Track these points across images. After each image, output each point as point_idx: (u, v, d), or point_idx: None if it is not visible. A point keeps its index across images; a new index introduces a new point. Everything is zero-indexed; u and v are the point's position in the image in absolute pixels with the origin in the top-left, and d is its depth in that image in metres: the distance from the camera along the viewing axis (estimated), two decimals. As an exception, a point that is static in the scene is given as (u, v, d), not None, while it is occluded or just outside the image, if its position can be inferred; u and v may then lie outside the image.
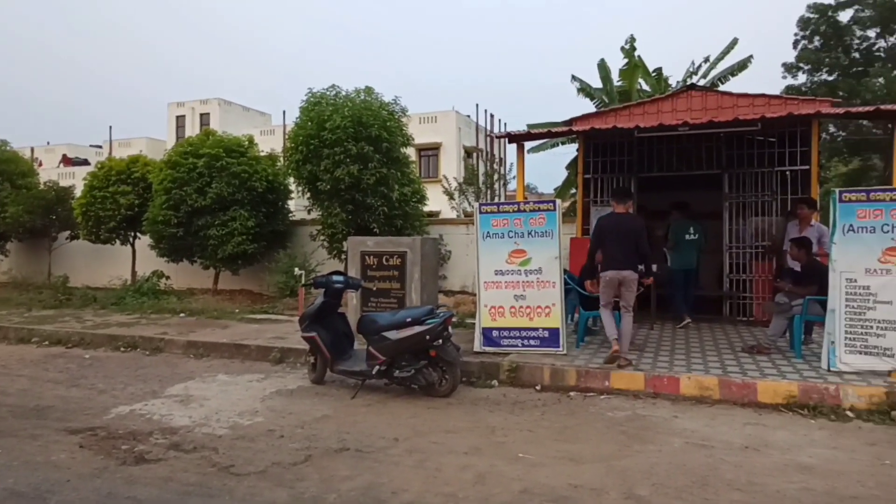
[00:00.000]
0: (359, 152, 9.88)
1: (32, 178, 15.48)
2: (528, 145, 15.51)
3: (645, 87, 16.15)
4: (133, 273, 13.35)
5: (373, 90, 10.75)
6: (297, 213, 13.99)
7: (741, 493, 3.42)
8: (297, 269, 9.89)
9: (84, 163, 33.39)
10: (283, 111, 33.37)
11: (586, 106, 16.21)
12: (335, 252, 10.94)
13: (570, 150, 15.59)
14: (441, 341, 5.40)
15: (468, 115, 30.28)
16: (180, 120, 35.76)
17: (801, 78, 22.44)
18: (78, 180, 16.33)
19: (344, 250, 9.75)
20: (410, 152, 12.53)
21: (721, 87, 13.91)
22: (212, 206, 11.00)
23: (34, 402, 5.43)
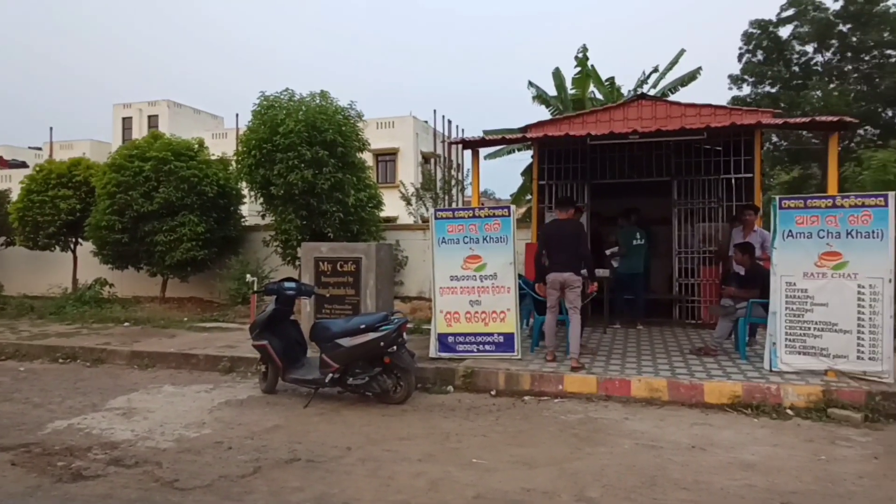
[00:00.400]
0: (313, 157, 9.76)
1: (-37, 181, 14.73)
2: (485, 151, 15.75)
3: (598, 95, 16.56)
4: (74, 281, 12.80)
5: (328, 94, 10.67)
6: (251, 218, 13.70)
7: (687, 491, 3.50)
8: (250, 275, 9.64)
9: (22, 165, 31.99)
10: (237, 114, 32.83)
11: (542, 113, 16.56)
12: (289, 258, 10.76)
13: (526, 157, 15.83)
14: (395, 348, 5.36)
15: (426, 121, 30.36)
16: (127, 122, 34.48)
17: (746, 89, 23.52)
18: (15, 183, 15.57)
19: (298, 256, 9.59)
20: (367, 157, 12.46)
21: (672, 97, 14.36)
22: (159, 211, 10.67)
23: (-39, 418, 5.12)
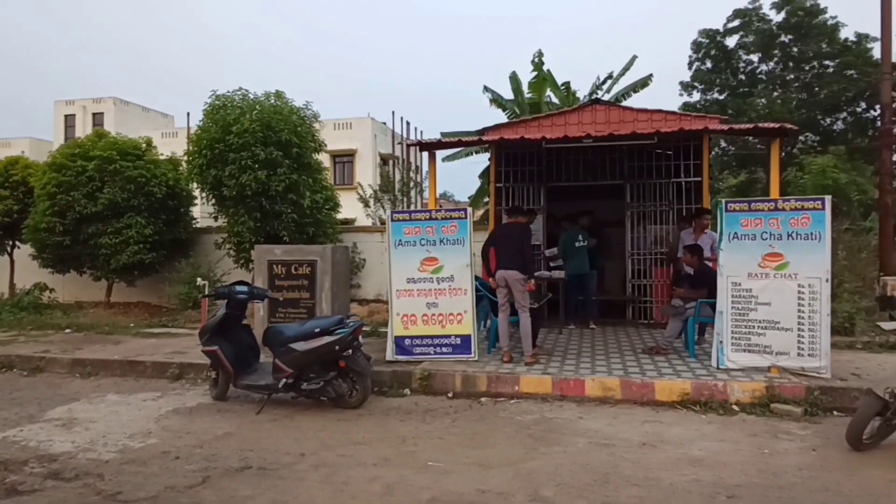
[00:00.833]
0: (267, 157, 9.55)
1: None
2: (443, 154, 15.76)
3: (555, 99, 16.81)
4: (11, 286, 12.16)
5: (283, 94, 10.46)
6: (203, 220, 13.29)
7: (638, 488, 3.57)
8: (201, 279, 9.35)
9: (-45, 164, 30.09)
10: (188, 112, 31.86)
11: (499, 116, 16.64)
12: (242, 261, 10.48)
13: (484, 160, 15.92)
14: (351, 351, 5.30)
15: (384, 122, 30.12)
16: (70, 119, 33.00)
17: (696, 96, 24.34)
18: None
19: (252, 259, 9.36)
20: (324, 158, 12.27)
21: (625, 102, 14.70)
22: (104, 212, 10.22)
23: None
